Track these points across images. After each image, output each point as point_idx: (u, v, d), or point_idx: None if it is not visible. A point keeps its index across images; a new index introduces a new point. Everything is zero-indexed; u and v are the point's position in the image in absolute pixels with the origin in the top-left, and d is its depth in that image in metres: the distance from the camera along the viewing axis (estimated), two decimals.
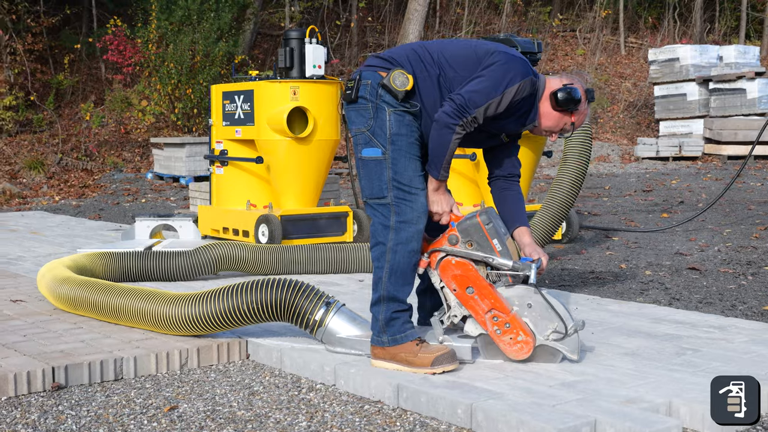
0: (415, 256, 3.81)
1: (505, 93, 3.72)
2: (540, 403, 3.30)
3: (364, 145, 3.83)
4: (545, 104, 3.90)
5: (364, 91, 3.82)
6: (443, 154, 3.73)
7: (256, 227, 7.24)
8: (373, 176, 3.80)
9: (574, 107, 3.87)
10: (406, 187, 3.76)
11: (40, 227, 9.22)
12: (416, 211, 3.77)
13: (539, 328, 3.82)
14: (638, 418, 3.10)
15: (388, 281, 3.78)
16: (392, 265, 3.77)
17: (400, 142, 3.78)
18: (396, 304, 3.79)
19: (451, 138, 3.70)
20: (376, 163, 3.79)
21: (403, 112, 3.78)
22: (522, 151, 7.38)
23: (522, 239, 4.02)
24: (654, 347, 4.11)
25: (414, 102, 3.80)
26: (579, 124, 3.98)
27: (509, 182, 4.13)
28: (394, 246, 3.76)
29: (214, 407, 3.58)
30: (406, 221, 3.75)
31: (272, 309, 4.10)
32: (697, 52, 18.10)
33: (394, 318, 3.79)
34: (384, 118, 3.78)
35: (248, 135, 7.58)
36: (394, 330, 3.79)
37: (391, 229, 3.77)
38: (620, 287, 5.72)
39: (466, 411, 3.31)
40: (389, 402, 3.60)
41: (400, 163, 3.77)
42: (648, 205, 10.39)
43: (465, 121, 3.69)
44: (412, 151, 3.80)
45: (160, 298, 4.40)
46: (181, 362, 4.15)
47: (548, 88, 3.90)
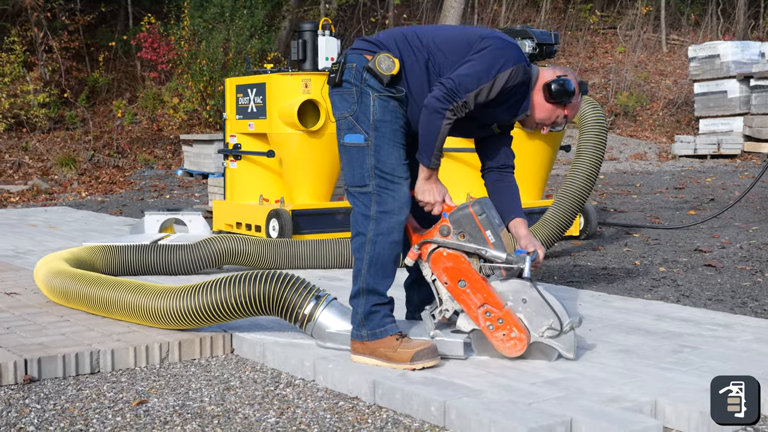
0: (397, 247, 3.67)
1: (497, 78, 3.58)
2: (516, 401, 3.14)
3: (347, 131, 3.70)
4: (538, 95, 3.76)
5: (349, 74, 3.70)
6: (434, 140, 3.58)
7: (267, 222, 7.14)
8: (355, 163, 3.67)
9: (568, 100, 3.74)
10: (389, 175, 3.63)
11: (58, 222, 9.20)
12: (398, 202, 3.63)
13: (534, 325, 3.66)
14: (616, 418, 2.94)
15: (367, 273, 3.65)
16: (372, 256, 3.64)
17: (384, 128, 3.64)
18: (375, 297, 3.66)
19: (442, 124, 3.55)
20: (358, 149, 3.66)
21: (387, 98, 3.65)
22: (538, 145, 7.26)
23: (518, 231, 3.87)
24: (651, 345, 3.93)
25: (400, 87, 3.67)
26: (571, 117, 3.85)
27: (503, 174, 3.99)
28: (374, 237, 3.63)
29: (184, 402, 3.47)
30: (387, 211, 3.62)
31: (261, 302, 3.98)
32: (739, 48, 17.71)
33: (373, 311, 3.66)
34: (368, 104, 3.65)
35: (260, 129, 7.48)
36: (373, 324, 3.65)
37: (371, 219, 3.63)
38: (630, 284, 5.53)
39: (440, 408, 3.17)
40: (365, 398, 3.46)
41: (383, 150, 3.64)
42: (677, 203, 10.14)
43: (455, 105, 3.54)
44: (396, 139, 3.66)
45: (149, 291, 4.30)
46: (161, 356, 4.04)
47: (541, 78, 3.76)
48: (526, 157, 7.12)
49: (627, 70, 21.15)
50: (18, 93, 16.43)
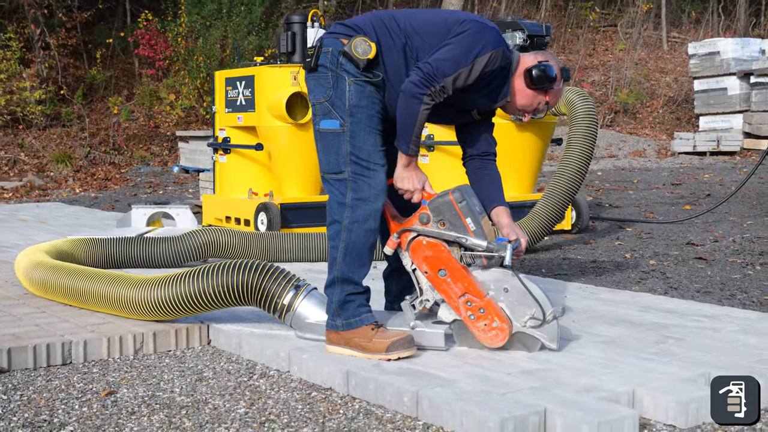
0: (373, 235, 3.60)
1: (476, 62, 3.50)
2: (490, 391, 3.06)
3: (323, 117, 3.62)
4: (519, 81, 3.68)
5: (324, 59, 3.62)
6: (412, 126, 3.51)
7: (255, 215, 7.07)
8: (330, 149, 3.60)
9: (549, 86, 3.66)
10: (365, 162, 3.55)
11: (49, 217, 9.13)
12: (374, 189, 3.55)
13: (516, 314, 3.57)
14: (591, 408, 2.86)
15: (342, 262, 3.57)
16: (347, 244, 3.56)
17: (360, 114, 3.57)
18: (351, 286, 3.58)
19: (419, 109, 3.48)
20: (333, 135, 3.59)
21: (364, 83, 3.57)
22: (528, 138, 7.18)
23: (500, 219, 3.79)
24: (634, 336, 3.85)
25: (377, 72, 3.59)
26: (553, 104, 3.77)
27: (484, 161, 3.90)
28: (349, 224, 3.55)
29: (154, 392, 3.40)
30: (362, 199, 3.54)
31: (239, 292, 3.89)
32: (739, 45, 17.60)
33: (348, 301, 3.58)
34: (344, 89, 3.57)
35: (249, 122, 7.41)
36: (348, 314, 3.58)
37: (346, 206, 3.56)
38: (619, 276, 5.45)
39: (412, 399, 3.09)
40: (339, 389, 3.38)
41: (358, 136, 3.56)
42: (674, 198, 10.05)
43: (433, 90, 3.46)
44: (372, 125, 3.59)
45: (126, 282, 4.23)
46: (135, 347, 3.97)
47: (522, 64, 3.68)
48: (517, 150, 7.04)
49: (627, 67, 21.05)
50: (14, 90, 16.38)
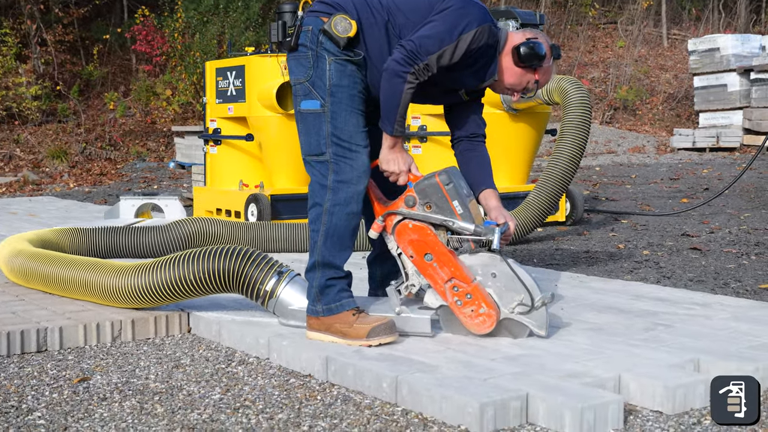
0: (355, 219, 3.50)
1: (461, 39, 3.39)
2: (472, 377, 2.97)
3: (303, 97, 3.52)
4: (507, 59, 3.58)
5: (305, 38, 3.52)
6: (395, 106, 3.41)
7: (245, 207, 6.98)
8: (311, 131, 3.50)
9: (538, 63, 3.55)
10: (346, 143, 3.45)
11: (40, 210, 9.05)
12: (356, 171, 3.46)
13: (504, 300, 3.47)
14: (574, 393, 2.77)
15: (323, 246, 3.48)
16: (328, 227, 3.47)
17: (341, 94, 3.47)
18: (331, 271, 3.49)
19: (403, 88, 3.38)
20: (314, 116, 3.49)
21: (345, 62, 3.47)
22: (522, 128, 7.08)
23: (488, 202, 3.69)
24: (623, 323, 3.76)
25: (358, 50, 3.50)
26: (543, 82, 3.66)
27: (473, 143, 3.79)
28: (330, 207, 3.46)
29: (128, 379, 3.31)
30: (344, 181, 3.45)
31: (221, 279, 3.80)
32: (739, 41, 17.47)
33: (329, 285, 3.49)
34: (324, 68, 3.47)
35: (240, 112, 7.33)
36: (328, 299, 3.49)
37: (328, 189, 3.46)
38: (611, 266, 5.35)
39: (391, 385, 3.00)
40: (318, 376, 3.29)
41: (340, 117, 3.46)
42: (671, 192, 9.95)
43: (417, 68, 3.36)
44: (354, 105, 3.49)
45: (107, 269, 4.14)
46: (113, 335, 3.88)
47: (510, 41, 3.58)
48: (510, 140, 6.95)
49: (627, 64, 20.95)
50: (10, 85, 16.29)
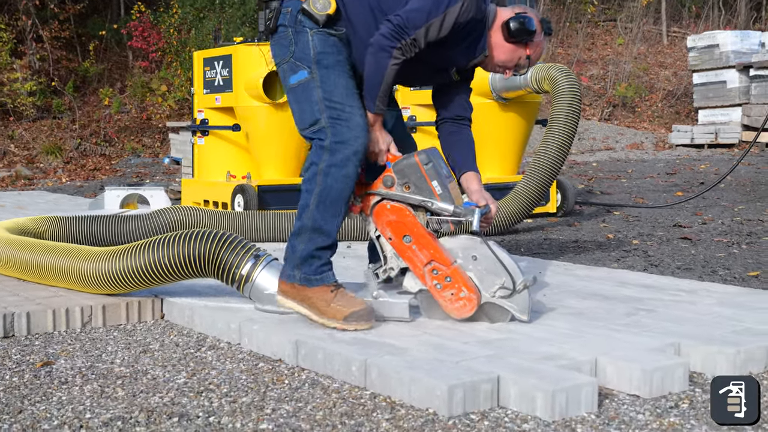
0: (350, 183, 3.33)
1: (448, 12, 3.28)
2: (444, 359, 2.88)
3: (290, 73, 3.42)
4: (497, 35, 3.47)
5: (284, 19, 3.43)
6: (379, 82, 3.31)
7: (232, 198, 6.89)
8: (303, 101, 3.37)
9: (529, 38, 3.44)
10: (339, 104, 3.31)
11: (29, 203, 8.96)
12: (353, 130, 3.30)
13: (485, 284, 3.37)
14: (547, 376, 2.67)
15: (315, 209, 3.30)
16: (322, 189, 3.29)
17: (327, 60, 3.36)
18: (320, 238, 3.33)
19: (388, 63, 3.28)
20: (303, 86, 3.37)
21: (326, 34, 3.38)
22: (512, 117, 6.98)
23: (469, 185, 3.58)
24: (605, 308, 3.66)
25: (339, 27, 3.40)
26: (535, 58, 3.55)
27: (458, 125, 3.69)
28: (326, 168, 3.29)
29: (93, 364, 3.22)
30: (342, 141, 3.29)
31: (196, 263, 3.69)
32: (738, 38, 17.35)
33: (314, 256, 3.33)
34: (305, 40, 3.37)
35: (227, 102, 7.24)
36: (310, 270, 3.34)
37: (325, 149, 3.30)
38: (599, 255, 5.25)
39: (361, 368, 2.91)
40: (289, 360, 3.20)
41: (329, 80, 3.35)
42: (667, 186, 9.85)
43: (404, 43, 3.26)
44: (341, 68, 3.38)
45: (81, 255, 4.04)
46: (83, 320, 3.79)
47: (500, 17, 3.47)
48: (500, 130, 6.86)
49: (626, 61, 20.84)
50: (5, 81, 16.21)
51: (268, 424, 2.55)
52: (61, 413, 2.66)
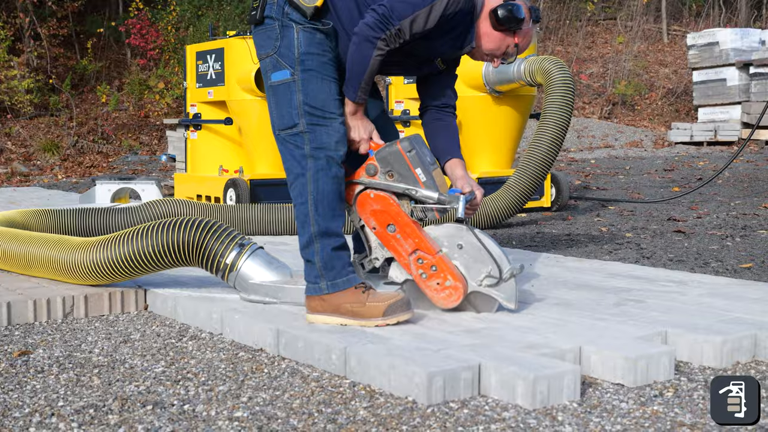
0: (340, 183, 3.28)
1: (435, 5, 3.22)
2: (425, 348, 2.83)
3: (272, 70, 3.33)
4: (485, 24, 3.41)
5: (270, 10, 3.35)
6: (362, 72, 3.24)
7: (224, 192, 6.84)
8: (283, 103, 3.29)
9: (517, 26, 3.38)
10: (320, 111, 3.25)
11: (22, 199, 8.91)
12: (333, 138, 3.24)
13: (471, 273, 3.32)
14: (528, 364, 2.62)
15: (316, 214, 3.23)
16: (316, 195, 3.23)
17: (311, 61, 3.29)
18: (332, 239, 3.25)
19: (372, 54, 3.21)
20: (285, 87, 3.29)
21: (313, 30, 3.31)
22: (506, 111, 6.93)
23: (454, 172, 3.53)
24: (593, 298, 3.61)
25: (326, 20, 3.33)
26: (524, 46, 3.49)
27: (442, 113, 3.64)
28: (314, 174, 3.22)
29: (71, 353, 3.17)
30: (322, 147, 3.23)
31: (180, 251, 3.64)
32: (738, 35, 17.28)
33: (334, 257, 3.24)
34: (291, 37, 3.30)
35: (219, 96, 7.19)
36: (334, 273, 3.23)
37: (307, 157, 3.23)
38: (591, 248, 5.20)
39: (340, 356, 2.86)
40: (270, 350, 3.15)
41: (311, 84, 3.27)
42: (664, 182, 9.80)
43: (388, 34, 3.20)
44: (325, 72, 3.30)
45: (66, 245, 3.99)
46: (65, 311, 3.74)
47: (487, 5, 3.40)
48: (494, 123, 6.81)
49: (626, 59, 20.78)
50: (2, 78, 16.17)
51: (243, 412, 2.50)
52: (33, 401, 2.62)
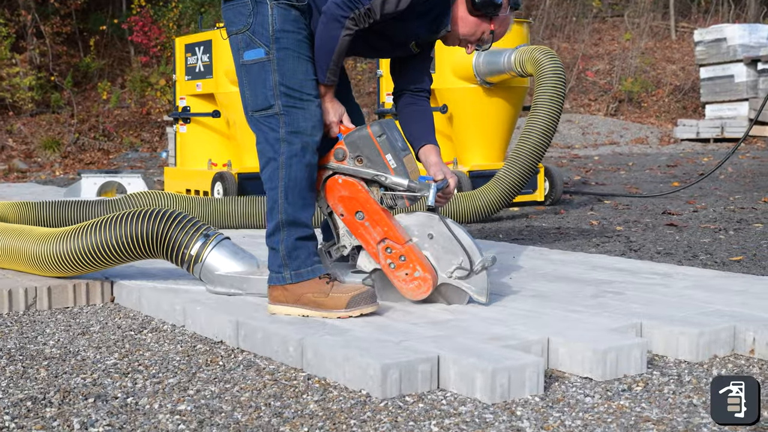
0: (313, 171, 3.16)
1: None
2: (385, 339, 2.71)
3: (245, 48, 3.20)
4: (461, 8, 3.27)
5: None
6: (330, 53, 3.12)
7: (212, 186, 6.73)
8: (257, 83, 3.16)
9: (494, 12, 3.25)
10: (296, 92, 3.13)
11: (15, 195, 8.81)
12: (309, 121, 3.13)
13: (442, 264, 3.19)
14: (488, 355, 2.49)
15: (285, 202, 3.12)
16: (287, 181, 3.11)
17: (286, 39, 3.16)
18: (299, 229, 3.14)
19: (340, 34, 3.09)
20: (259, 66, 3.16)
21: (288, 6, 3.19)
22: (498, 103, 6.80)
23: (428, 158, 3.40)
24: (571, 291, 3.48)
25: None
26: (500, 34, 3.36)
27: (416, 97, 3.51)
28: (287, 160, 3.11)
29: (24, 345, 3.06)
30: (298, 131, 3.11)
31: (144, 243, 3.52)
32: (746, 31, 17.08)
33: (298, 247, 3.14)
34: (265, 13, 3.16)
35: (207, 88, 7.08)
36: (298, 263, 3.13)
37: (281, 141, 3.11)
38: (579, 241, 5.07)
39: (297, 348, 2.74)
40: (230, 342, 3.04)
41: (287, 64, 3.15)
42: (665, 178, 9.64)
43: (357, 14, 3.08)
44: (301, 51, 3.18)
45: (32, 236, 3.88)
46: (27, 303, 3.63)
47: None
48: (486, 116, 6.68)
49: (633, 56, 20.61)
50: (4, 76, 16.11)
51: (186, 405, 2.38)
52: None
